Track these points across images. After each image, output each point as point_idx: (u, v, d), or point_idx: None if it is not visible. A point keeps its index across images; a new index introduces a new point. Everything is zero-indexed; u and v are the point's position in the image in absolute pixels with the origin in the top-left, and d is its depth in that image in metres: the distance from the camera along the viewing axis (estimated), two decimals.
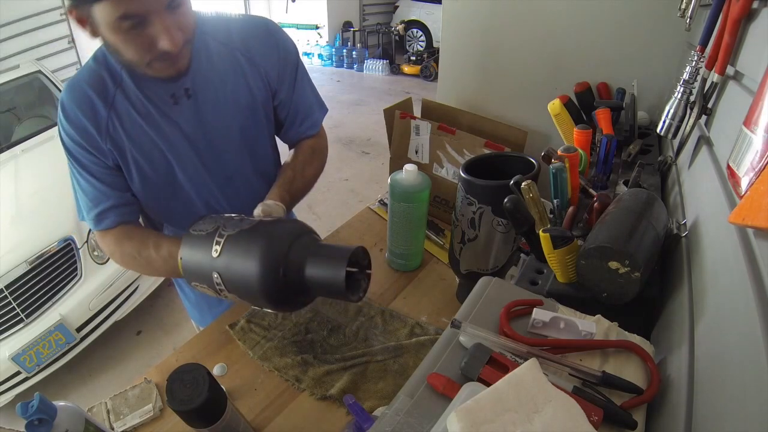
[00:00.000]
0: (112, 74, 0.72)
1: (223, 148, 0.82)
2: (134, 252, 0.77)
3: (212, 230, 0.63)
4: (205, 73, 0.76)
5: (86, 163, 0.75)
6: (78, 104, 0.71)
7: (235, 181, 0.88)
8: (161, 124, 0.75)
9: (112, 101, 0.72)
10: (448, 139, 1.12)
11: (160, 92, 0.74)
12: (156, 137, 0.76)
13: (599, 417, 0.40)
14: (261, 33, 0.82)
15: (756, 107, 0.39)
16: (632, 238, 0.52)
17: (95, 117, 0.72)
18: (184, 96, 0.75)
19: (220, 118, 0.79)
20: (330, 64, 7.36)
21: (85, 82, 0.72)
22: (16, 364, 1.76)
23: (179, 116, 0.76)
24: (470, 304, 0.56)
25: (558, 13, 1.13)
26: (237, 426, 0.60)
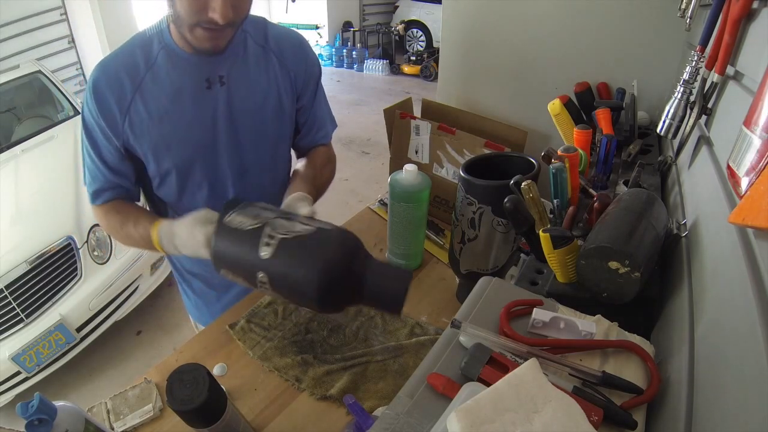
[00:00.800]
0: (147, 56, 0.75)
1: (245, 141, 0.85)
2: (117, 225, 0.81)
3: (256, 226, 0.60)
4: (240, 66, 0.80)
5: (99, 143, 0.77)
6: (107, 81, 0.74)
7: (250, 175, 0.89)
8: (190, 107, 0.77)
9: (140, 83, 0.75)
10: (448, 139, 1.12)
11: (196, 75, 0.77)
12: (181, 120, 0.78)
13: (599, 417, 0.40)
14: (295, 43, 0.88)
15: (756, 107, 0.39)
16: (632, 238, 0.52)
17: (120, 95, 0.74)
18: (218, 82, 0.78)
19: (249, 110, 0.83)
20: (330, 64, 7.36)
21: (117, 61, 0.75)
22: (16, 364, 1.76)
23: (210, 101, 0.79)
24: (470, 304, 0.56)
25: (558, 13, 1.13)
26: (237, 426, 0.60)
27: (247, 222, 0.61)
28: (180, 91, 0.76)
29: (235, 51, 0.79)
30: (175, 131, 0.78)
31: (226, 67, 0.78)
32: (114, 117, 0.75)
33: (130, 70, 0.74)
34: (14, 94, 2.71)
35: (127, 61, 0.75)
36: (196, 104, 0.78)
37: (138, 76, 0.75)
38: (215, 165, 0.85)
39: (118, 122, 0.75)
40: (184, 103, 0.77)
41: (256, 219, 0.61)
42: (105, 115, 0.74)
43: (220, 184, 0.87)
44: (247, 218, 0.62)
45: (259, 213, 0.63)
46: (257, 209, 0.64)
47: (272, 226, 0.60)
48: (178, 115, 0.77)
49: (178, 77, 0.76)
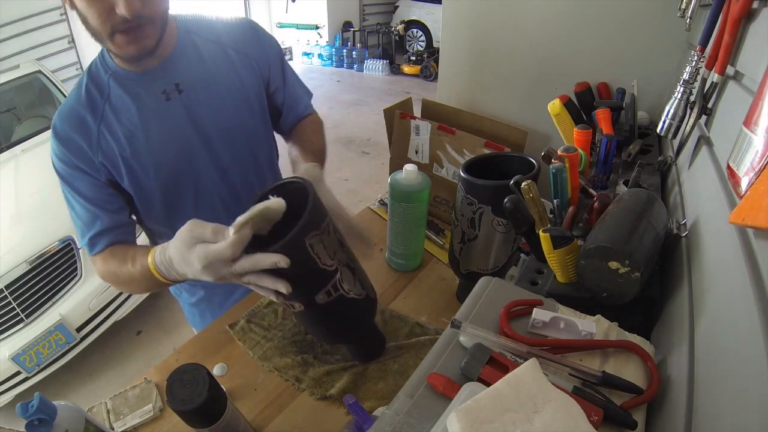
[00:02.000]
0: (99, 88, 0.74)
1: (219, 142, 0.83)
2: (116, 269, 0.76)
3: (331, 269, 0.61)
4: (195, 69, 0.78)
5: (79, 185, 0.76)
6: (69, 123, 0.73)
7: (232, 175, 0.88)
8: (155, 124, 0.76)
9: (102, 114, 0.74)
10: (448, 139, 1.12)
11: (150, 90, 0.75)
12: (150, 140, 0.76)
13: (599, 417, 0.40)
14: (246, 28, 0.86)
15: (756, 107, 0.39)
16: (632, 238, 0.52)
17: (86, 132, 0.73)
18: (175, 91, 0.76)
19: (216, 113, 0.81)
20: (330, 64, 7.36)
21: (74, 102, 0.74)
22: (16, 364, 1.76)
23: (174, 112, 0.77)
24: (470, 304, 0.56)
25: (558, 13, 1.13)
26: (237, 426, 0.60)
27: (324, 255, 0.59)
28: (141, 113, 0.75)
29: (184, 54, 0.77)
30: (148, 152, 0.76)
31: (180, 73, 0.77)
32: (84, 152, 0.74)
33: (89, 106, 0.74)
34: (14, 94, 2.71)
35: (82, 99, 0.74)
36: (160, 119, 0.76)
37: (98, 110, 0.74)
38: (196, 174, 0.83)
39: (92, 158, 0.74)
40: (149, 122, 0.76)
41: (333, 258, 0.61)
42: (75, 153, 0.73)
43: (205, 192, 0.86)
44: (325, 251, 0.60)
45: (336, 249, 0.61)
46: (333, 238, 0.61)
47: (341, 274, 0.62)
48: (145, 137, 0.76)
49: (135, 98, 0.74)
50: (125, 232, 0.81)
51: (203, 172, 0.84)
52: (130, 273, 0.73)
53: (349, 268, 0.65)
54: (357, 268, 0.67)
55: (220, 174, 0.86)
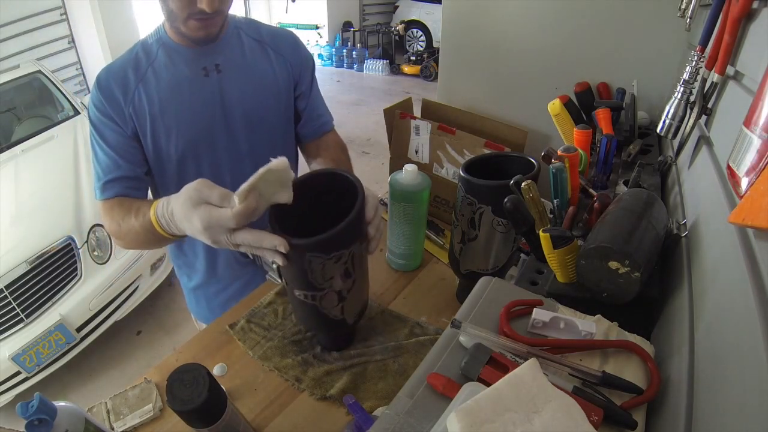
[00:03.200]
0: (148, 53, 0.82)
1: (240, 126, 0.88)
2: (119, 220, 0.78)
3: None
4: (236, 55, 0.86)
5: (106, 131, 0.81)
6: (112, 76, 0.80)
7: (246, 164, 0.91)
8: (188, 95, 0.82)
9: (143, 75, 0.81)
10: (448, 139, 1.12)
11: (193, 64, 0.83)
12: (180, 108, 0.82)
13: (599, 417, 0.40)
14: (289, 39, 0.95)
15: (756, 107, 0.39)
16: (632, 238, 0.52)
17: (125, 86, 0.80)
18: (215, 70, 0.84)
19: (246, 96, 0.87)
20: (330, 64, 7.36)
21: (122, 61, 0.82)
22: (16, 364, 1.76)
23: (208, 87, 0.84)
24: (470, 304, 0.56)
25: (558, 13, 1.13)
26: (237, 426, 0.60)
27: (318, 275, 0.62)
28: (179, 81, 0.82)
29: (230, 42, 0.86)
30: (175, 118, 0.82)
31: (222, 56, 0.84)
32: (118, 102, 0.80)
33: (134, 66, 0.81)
34: (14, 94, 2.71)
35: (130, 60, 0.82)
36: (194, 91, 0.83)
37: (141, 70, 0.81)
38: (214, 152, 0.88)
39: (124, 109, 0.80)
40: (183, 91, 0.82)
41: (325, 281, 0.63)
42: (109, 102, 0.79)
43: (217, 172, 0.90)
44: (321, 273, 0.62)
45: (335, 276, 0.63)
46: (339, 267, 0.63)
47: (326, 295, 0.65)
48: (177, 103, 0.82)
49: (177, 68, 0.82)
50: (137, 187, 0.84)
51: (221, 151, 0.89)
52: (131, 225, 0.75)
53: (339, 296, 0.66)
54: (349, 299, 0.68)
55: (236, 158, 0.91)
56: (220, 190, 0.59)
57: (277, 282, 0.95)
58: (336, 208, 0.63)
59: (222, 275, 1.04)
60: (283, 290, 0.93)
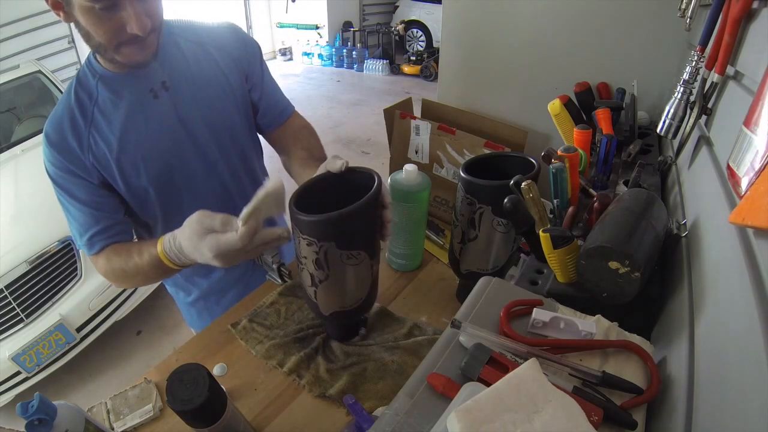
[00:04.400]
0: (88, 93, 0.76)
1: (205, 136, 0.85)
2: (122, 265, 0.78)
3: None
4: (180, 66, 0.80)
5: (73, 188, 0.77)
6: (59, 128, 0.75)
7: (221, 169, 0.89)
8: (143, 122, 0.78)
9: (91, 117, 0.76)
10: (448, 139, 1.12)
11: (139, 89, 0.77)
12: (140, 138, 0.78)
13: (599, 417, 0.40)
14: (225, 29, 0.88)
15: (756, 107, 0.39)
16: (632, 238, 0.52)
17: (77, 135, 0.75)
18: (163, 89, 0.79)
19: (203, 105, 0.83)
20: (330, 64, 7.35)
21: (64, 108, 0.76)
22: (16, 364, 1.76)
23: (162, 108, 0.79)
24: (470, 304, 0.56)
25: (558, 13, 1.13)
26: (237, 426, 0.60)
27: (311, 265, 0.67)
28: (130, 112, 0.77)
29: (169, 53, 0.79)
30: (138, 150, 0.78)
31: (166, 72, 0.79)
32: (76, 155, 0.76)
33: (79, 110, 0.76)
34: (14, 94, 2.70)
35: (72, 105, 0.76)
36: (149, 117, 0.78)
37: (87, 114, 0.76)
38: (187, 170, 0.85)
39: (84, 161, 0.76)
40: (137, 121, 0.78)
41: (318, 270, 0.67)
42: (66, 156, 0.75)
43: (196, 187, 0.87)
44: (314, 263, 0.66)
45: (323, 268, 0.67)
46: (337, 264, 0.67)
47: (318, 289, 0.70)
48: (136, 135, 0.78)
49: (123, 100, 0.77)
50: (122, 231, 0.83)
51: (193, 167, 0.85)
52: (137, 265, 0.75)
53: (311, 279, 0.69)
54: (321, 291, 0.70)
55: (210, 169, 0.88)
56: (220, 216, 0.62)
57: (277, 282, 0.95)
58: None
59: (221, 282, 1.04)
60: (286, 290, 0.93)
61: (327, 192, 0.71)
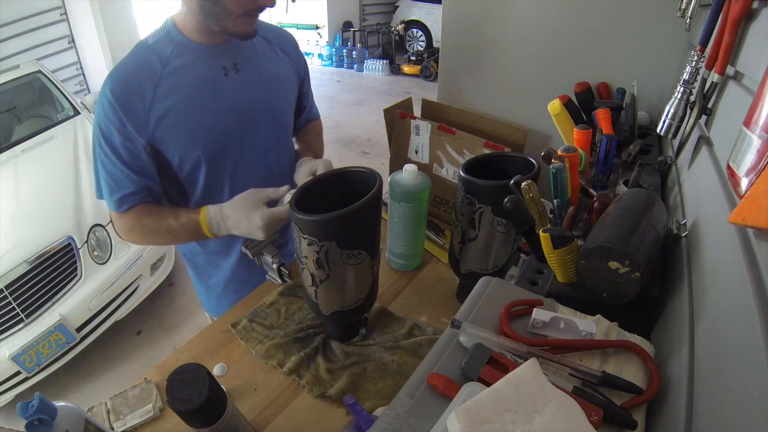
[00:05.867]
0: (160, 56, 0.79)
1: (265, 122, 0.91)
2: (153, 224, 0.84)
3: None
4: (250, 53, 0.88)
5: (120, 147, 0.79)
6: (125, 85, 0.77)
7: (270, 157, 0.95)
8: (210, 95, 0.82)
9: (159, 80, 0.78)
10: (448, 139, 1.12)
11: (212, 64, 0.82)
12: (204, 109, 0.82)
13: (599, 417, 0.40)
14: (289, 37, 0.99)
15: (756, 107, 0.39)
16: (632, 238, 0.52)
17: (142, 95, 0.77)
18: (233, 69, 0.84)
19: (266, 93, 0.90)
20: (330, 64, 7.35)
21: (131, 66, 0.78)
22: (16, 364, 1.76)
23: (229, 87, 0.84)
24: (470, 304, 0.56)
25: (558, 13, 1.13)
26: (237, 426, 0.60)
27: (311, 264, 0.69)
28: (199, 82, 0.81)
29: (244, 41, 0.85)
30: (200, 121, 0.82)
31: (239, 54, 0.85)
32: (138, 115, 0.77)
33: (147, 71, 0.78)
34: (14, 94, 2.71)
35: (140, 64, 0.78)
36: (217, 92, 0.83)
37: (155, 75, 0.78)
38: (239, 150, 0.89)
39: (144, 120, 0.77)
40: (205, 92, 0.81)
41: (317, 270, 0.69)
42: (128, 116, 0.76)
43: (242, 167, 0.91)
44: (314, 262, 0.68)
45: (325, 267, 0.69)
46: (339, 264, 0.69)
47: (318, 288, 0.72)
48: (200, 105, 0.81)
49: (196, 69, 0.80)
50: (152, 195, 0.86)
51: (245, 150, 0.90)
52: (170, 226, 0.84)
53: (312, 279, 0.69)
54: (322, 290, 0.71)
55: (260, 154, 0.93)
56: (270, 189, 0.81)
57: (277, 282, 0.95)
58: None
59: (240, 273, 1.06)
60: (286, 290, 0.93)
61: (327, 192, 0.71)
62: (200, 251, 1.03)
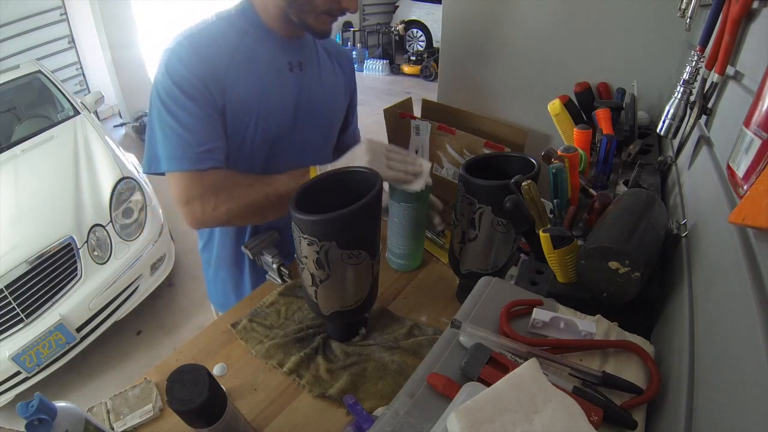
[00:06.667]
0: (237, 30, 0.80)
1: (316, 126, 0.93)
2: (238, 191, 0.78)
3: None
4: (314, 57, 0.91)
5: (200, 98, 0.75)
6: (209, 42, 0.76)
7: (308, 158, 0.92)
8: (275, 85, 0.84)
9: (234, 51, 0.79)
10: (448, 139, 1.12)
11: (281, 56, 0.84)
12: (267, 97, 0.83)
13: (599, 417, 0.40)
14: (347, 54, 1.02)
15: (756, 107, 0.39)
16: (632, 238, 0.52)
17: (219, 59, 0.77)
18: (298, 67, 0.87)
19: (321, 98, 0.92)
20: None
21: (209, 32, 0.78)
22: (16, 364, 1.76)
23: (292, 83, 0.86)
24: (470, 304, 0.56)
25: (558, 13, 1.13)
26: (237, 426, 0.60)
27: (311, 265, 0.68)
28: (268, 70, 0.82)
29: (309, 43, 0.90)
30: (263, 107, 0.83)
31: (304, 54, 0.88)
32: (216, 74, 0.76)
33: (225, 41, 0.78)
34: (14, 94, 2.71)
35: (218, 33, 0.78)
36: (280, 83, 0.84)
37: (231, 47, 0.78)
38: (286, 145, 0.90)
39: (219, 81, 0.76)
40: (271, 81, 0.83)
41: (318, 269, 0.68)
42: (211, 71, 0.75)
43: (283, 162, 0.90)
44: (315, 262, 0.67)
45: (325, 267, 0.68)
46: (339, 263, 0.68)
47: (318, 288, 0.71)
48: (264, 92, 0.82)
49: (267, 55, 0.82)
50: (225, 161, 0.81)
51: (289, 147, 0.91)
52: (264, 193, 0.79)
53: (312, 279, 0.69)
54: (322, 290, 0.70)
55: (303, 155, 0.93)
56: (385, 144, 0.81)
57: (277, 282, 0.95)
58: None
59: (245, 266, 1.05)
60: (286, 290, 0.93)
61: (327, 192, 0.71)
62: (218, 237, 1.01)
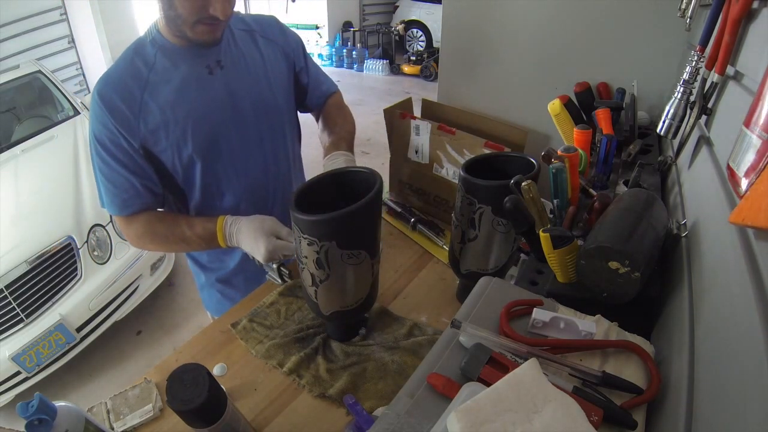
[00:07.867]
0: (145, 59, 0.81)
1: (253, 117, 0.92)
2: (167, 232, 0.87)
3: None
4: (232, 49, 0.89)
5: (117, 151, 0.81)
6: (114, 90, 0.79)
7: (266, 146, 0.96)
8: (197, 94, 0.84)
9: (145, 83, 0.80)
10: (448, 139, 1.12)
11: (195, 64, 0.84)
12: (191, 108, 0.83)
13: (599, 417, 0.40)
14: (271, 21, 0.99)
15: (756, 107, 0.39)
16: (632, 238, 0.52)
17: (130, 99, 0.79)
18: (218, 67, 0.86)
19: (251, 87, 0.91)
20: (330, 64, 7.35)
21: (118, 71, 0.81)
22: (16, 364, 1.76)
23: (215, 85, 0.86)
24: (470, 304, 0.56)
25: (558, 13, 1.13)
26: (237, 426, 0.60)
27: (311, 264, 0.68)
28: (185, 83, 0.83)
29: (225, 38, 0.87)
30: (188, 119, 0.83)
31: (221, 52, 0.86)
32: (128, 119, 0.79)
33: (133, 74, 0.80)
34: (14, 94, 2.71)
35: (127, 69, 0.81)
36: (202, 90, 0.84)
37: (142, 78, 0.80)
38: (231, 143, 0.90)
39: (133, 123, 0.80)
40: (191, 92, 0.83)
41: (318, 269, 0.69)
42: (119, 120, 0.79)
43: (238, 161, 0.92)
44: (313, 261, 0.68)
45: (324, 267, 0.68)
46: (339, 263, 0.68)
47: (318, 288, 0.72)
48: (188, 105, 0.83)
49: (180, 69, 0.82)
50: (156, 200, 0.89)
51: (237, 143, 0.91)
52: (183, 234, 0.86)
53: (312, 279, 0.69)
54: (322, 290, 0.70)
55: (253, 146, 0.94)
56: (287, 229, 0.84)
57: (277, 282, 0.95)
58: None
59: (240, 278, 1.08)
60: (286, 290, 0.93)
61: (327, 192, 0.71)
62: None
